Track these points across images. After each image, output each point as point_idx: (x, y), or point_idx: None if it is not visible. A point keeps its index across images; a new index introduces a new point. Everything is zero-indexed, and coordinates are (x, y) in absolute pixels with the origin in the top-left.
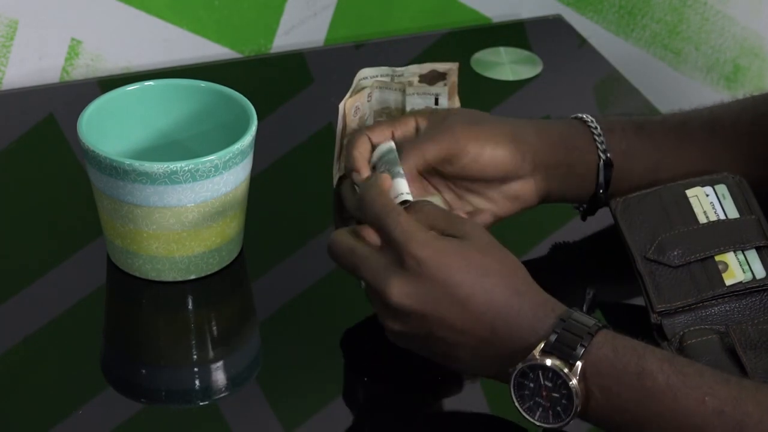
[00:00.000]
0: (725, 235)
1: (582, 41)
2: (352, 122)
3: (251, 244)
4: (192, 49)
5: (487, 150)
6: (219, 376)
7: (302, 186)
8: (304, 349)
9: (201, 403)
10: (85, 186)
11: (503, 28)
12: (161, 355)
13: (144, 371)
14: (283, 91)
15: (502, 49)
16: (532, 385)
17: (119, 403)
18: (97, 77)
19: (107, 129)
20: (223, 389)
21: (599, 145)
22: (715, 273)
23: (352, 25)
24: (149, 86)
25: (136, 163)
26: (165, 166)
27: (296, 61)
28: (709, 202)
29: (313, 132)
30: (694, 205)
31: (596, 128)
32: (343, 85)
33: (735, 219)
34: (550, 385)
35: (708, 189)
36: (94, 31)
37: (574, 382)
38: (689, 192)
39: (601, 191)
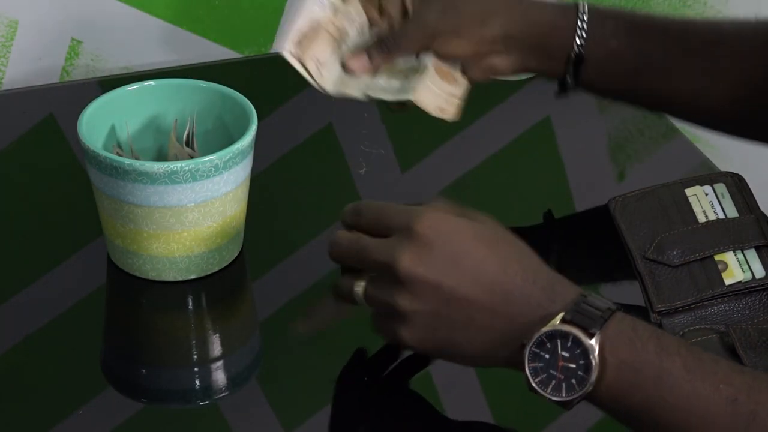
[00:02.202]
0: (725, 235)
1: None
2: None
3: (251, 244)
4: (192, 49)
5: (454, 40)
6: (219, 376)
7: (302, 186)
8: (304, 349)
9: (201, 403)
10: (85, 186)
11: None
12: (161, 355)
13: (144, 371)
14: (283, 91)
15: None
16: (547, 356)
17: (119, 403)
18: (97, 77)
19: (107, 129)
20: (223, 389)
21: (578, 38)
22: (715, 272)
23: None
24: (149, 86)
25: (136, 163)
26: (165, 166)
27: None
28: (708, 201)
29: (313, 132)
30: (693, 204)
31: (583, 19)
32: None
33: (734, 218)
34: (567, 355)
35: (707, 188)
36: (94, 31)
37: (595, 351)
38: (688, 191)
39: (568, 79)
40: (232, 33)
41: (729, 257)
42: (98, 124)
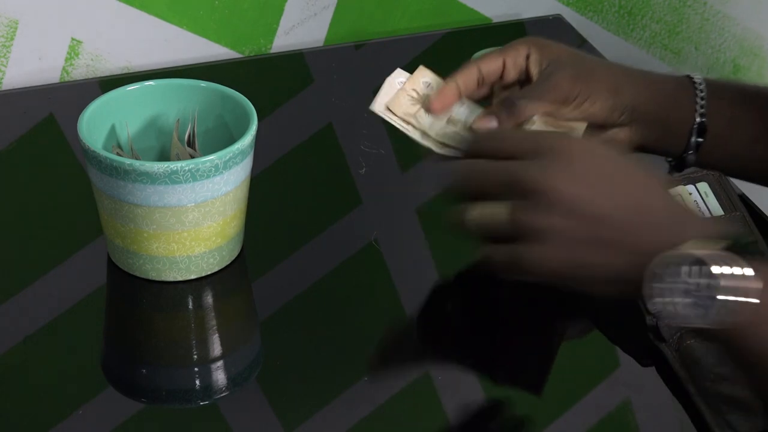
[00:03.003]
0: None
1: (582, 41)
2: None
3: (251, 244)
4: (192, 49)
5: (587, 104)
6: (219, 376)
7: (302, 186)
8: (304, 349)
9: (201, 403)
10: (85, 186)
11: (503, 28)
12: (161, 355)
13: (144, 371)
14: (283, 91)
15: None
16: (676, 282)
17: (119, 403)
18: (97, 77)
19: (107, 129)
20: (223, 389)
21: (698, 108)
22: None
23: (352, 25)
24: (149, 86)
25: (137, 163)
26: (165, 166)
27: (296, 61)
28: (693, 201)
29: (313, 132)
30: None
31: (701, 91)
32: (343, 85)
33: (720, 216)
34: (704, 282)
35: (690, 187)
36: (94, 31)
37: (755, 280)
38: (672, 192)
39: (690, 153)
40: (232, 33)
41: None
42: (98, 124)
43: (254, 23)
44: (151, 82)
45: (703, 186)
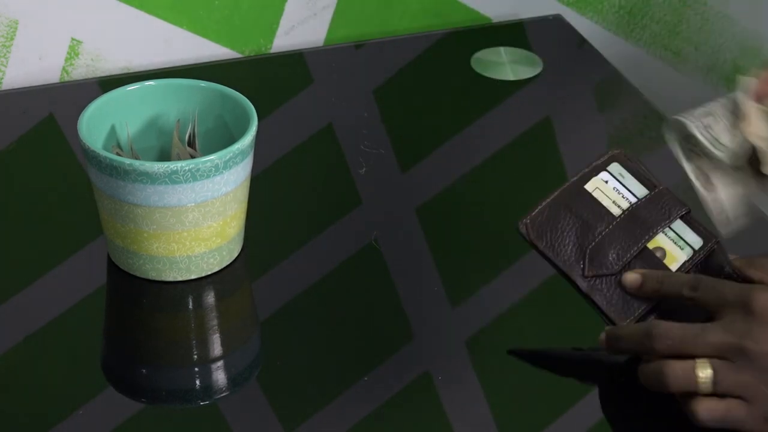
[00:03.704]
0: (646, 218)
1: (582, 41)
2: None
3: (251, 244)
4: (192, 49)
5: None
6: (219, 376)
7: (302, 186)
8: (304, 349)
9: (201, 403)
10: (85, 186)
11: (503, 28)
12: (161, 355)
13: (144, 371)
14: (283, 91)
15: (502, 49)
16: None
17: (119, 403)
18: (97, 77)
19: (107, 129)
20: (223, 389)
21: None
22: (657, 263)
23: (352, 25)
24: (149, 86)
25: (136, 163)
26: (165, 166)
27: (296, 61)
28: (613, 188)
29: (313, 132)
30: (601, 200)
31: None
32: (343, 85)
33: (646, 196)
34: None
35: (603, 174)
36: (94, 31)
37: None
38: (588, 186)
39: None
40: (232, 33)
41: (662, 240)
42: (98, 124)
43: (254, 23)
44: (151, 82)
45: (615, 167)
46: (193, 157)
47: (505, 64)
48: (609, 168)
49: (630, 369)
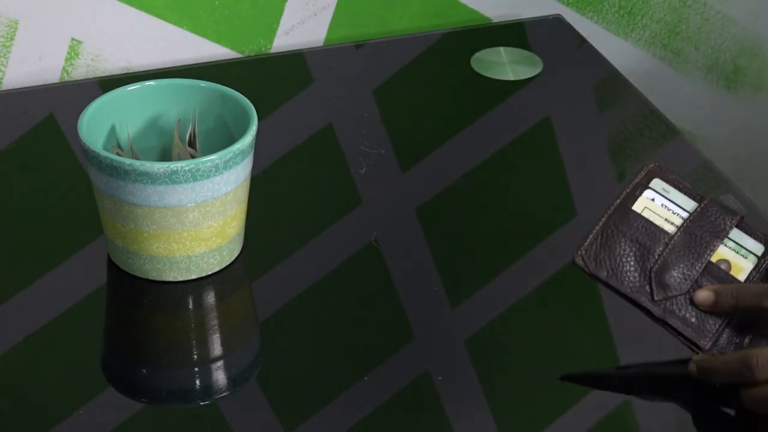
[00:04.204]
0: (703, 231)
1: (582, 41)
2: None
3: (251, 244)
4: (192, 49)
5: None
6: (219, 376)
7: (302, 186)
8: (304, 349)
9: (201, 403)
10: (85, 186)
11: (503, 28)
12: (161, 355)
13: (144, 371)
14: (283, 91)
15: (502, 49)
16: None
17: (119, 403)
18: (97, 77)
19: (107, 129)
20: (223, 389)
21: None
22: (725, 276)
23: (352, 25)
24: (149, 86)
25: (137, 163)
26: (165, 166)
27: (296, 61)
28: (661, 206)
29: (313, 132)
30: (652, 219)
31: None
32: (343, 85)
33: (696, 209)
34: None
35: (648, 192)
36: (94, 31)
37: None
38: (636, 207)
39: None
40: (231, 33)
41: (724, 252)
42: (98, 124)
43: (254, 23)
44: (151, 82)
45: (658, 183)
46: (193, 157)
47: (505, 64)
48: (652, 185)
49: (631, 367)
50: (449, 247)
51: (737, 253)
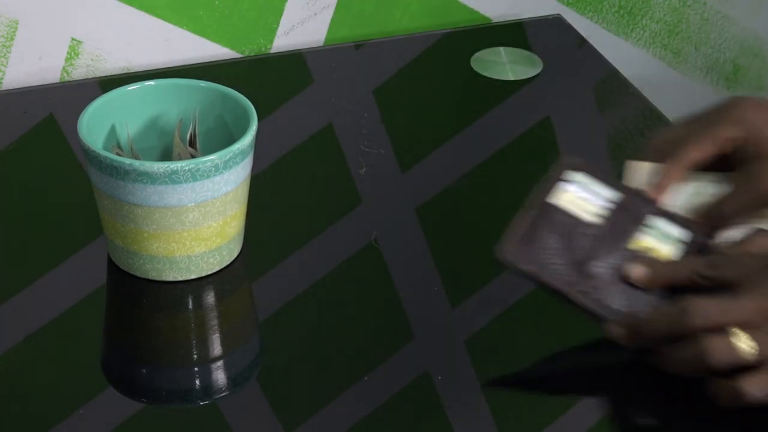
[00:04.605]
0: (626, 220)
1: (582, 41)
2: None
3: (251, 244)
4: (192, 49)
5: None
6: (219, 376)
7: (302, 186)
8: (304, 349)
9: (201, 403)
10: (85, 186)
11: (503, 28)
12: (161, 355)
13: (144, 371)
14: (283, 91)
15: (502, 49)
16: None
17: (119, 403)
18: (97, 77)
19: (107, 129)
20: (223, 389)
21: None
22: None
23: (352, 25)
24: (149, 86)
25: (136, 163)
26: (165, 165)
27: (296, 61)
28: (582, 197)
29: (313, 132)
30: (575, 211)
31: None
32: (343, 85)
33: (618, 198)
34: None
35: (569, 186)
36: (94, 31)
37: None
38: (557, 201)
39: None
40: (232, 33)
41: (648, 240)
42: (98, 124)
43: (254, 23)
44: (151, 82)
45: (577, 175)
46: (194, 157)
47: (505, 64)
48: (570, 177)
49: (631, 368)
50: (449, 247)
51: (661, 241)
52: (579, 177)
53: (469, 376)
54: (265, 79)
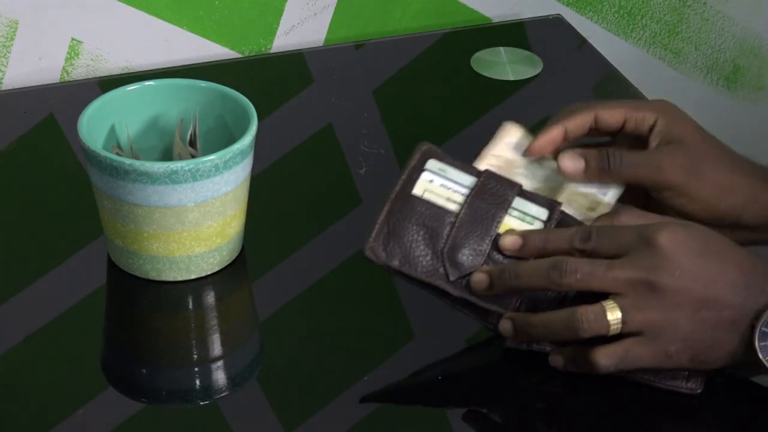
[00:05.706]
0: (486, 205)
1: (582, 41)
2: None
3: (251, 244)
4: (192, 49)
5: (682, 200)
6: (219, 376)
7: (302, 186)
8: (304, 349)
9: (201, 403)
10: (85, 186)
11: (503, 28)
12: (161, 355)
13: (144, 371)
14: (283, 91)
15: (502, 49)
16: None
17: (119, 403)
18: (97, 77)
19: (107, 129)
20: (223, 389)
21: None
22: None
23: (352, 25)
24: (149, 86)
25: (137, 163)
26: (165, 166)
27: (296, 61)
28: (440, 186)
29: (313, 132)
30: (434, 200)
31: None
32: (343, 85)
33: (476, 184)
34: None
35: (425, 175)
36: (94, 31)
37: None
38: (416, 191)
39: None
40: (232, 33)
41: (510, 221)
42: (98, 124)
43: (254, 23)
44: (151, 82)
45: (433, 164)
46: (194, 157)
47: (505, 64)
48: (427, 166)
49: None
50: None
51: (522, 221)
52: (435, 165)
53: (469, 376)
54: (265, 79)
